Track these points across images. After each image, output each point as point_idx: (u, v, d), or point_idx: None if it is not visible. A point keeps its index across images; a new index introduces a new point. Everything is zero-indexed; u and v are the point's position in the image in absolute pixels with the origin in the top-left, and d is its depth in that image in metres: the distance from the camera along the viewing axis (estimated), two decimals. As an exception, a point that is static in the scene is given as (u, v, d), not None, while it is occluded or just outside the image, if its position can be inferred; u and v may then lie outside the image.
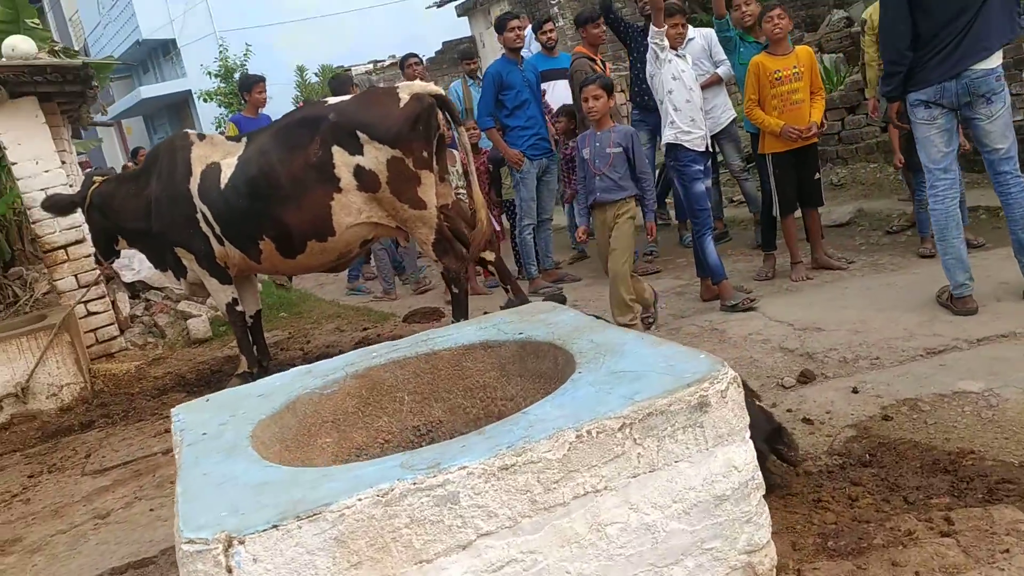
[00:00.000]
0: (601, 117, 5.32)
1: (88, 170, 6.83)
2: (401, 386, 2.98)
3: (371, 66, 20.61)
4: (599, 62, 7.22)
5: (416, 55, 8.68)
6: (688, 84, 5.75)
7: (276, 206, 5.30)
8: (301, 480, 1.99)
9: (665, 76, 5.78)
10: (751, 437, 2.17)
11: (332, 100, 5.67)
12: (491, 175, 7.74)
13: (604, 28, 7.34)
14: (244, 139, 5.63)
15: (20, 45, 6.64)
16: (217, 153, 5.55)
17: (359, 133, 5.22)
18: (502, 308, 5.51)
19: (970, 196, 6.01)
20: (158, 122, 28.76)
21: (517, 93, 7.10)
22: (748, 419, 2.16)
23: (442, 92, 5.41)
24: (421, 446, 2.61)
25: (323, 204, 5.28)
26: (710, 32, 7.06)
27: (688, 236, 7.00)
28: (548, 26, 7.74)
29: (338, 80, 8.37)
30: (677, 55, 5.80)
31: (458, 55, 8.87)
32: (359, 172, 5.23)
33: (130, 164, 16.46)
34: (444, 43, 17.68)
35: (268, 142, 5.41)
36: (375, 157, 5.21)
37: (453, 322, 5.54)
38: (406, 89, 5.36)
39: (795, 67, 5.70)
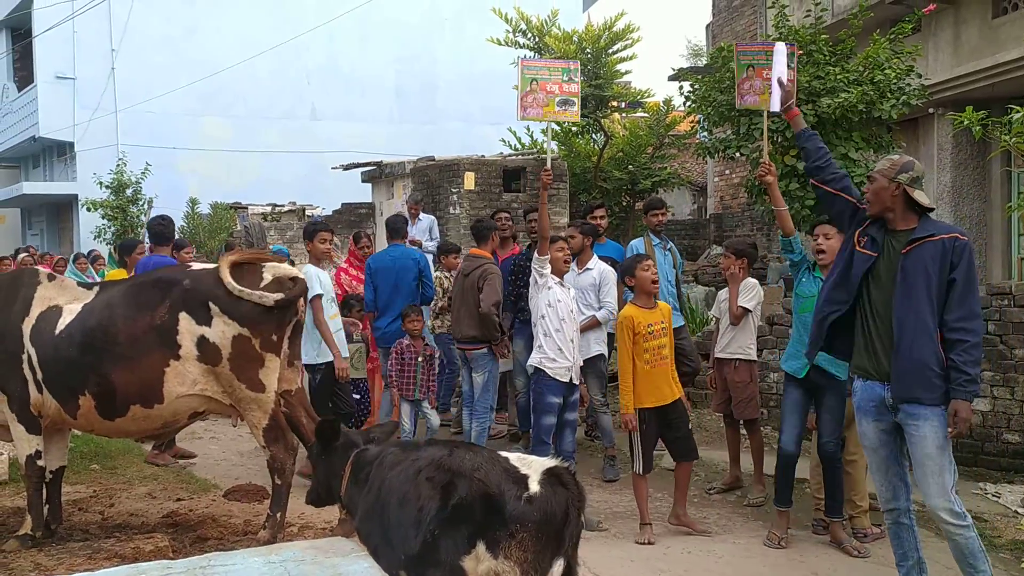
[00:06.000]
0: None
1: None
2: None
3: (269, 208, 20.58)
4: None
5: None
6: (561, 314, 5.86)
7: (107, 362, 5.04)
8: None
9: (540, 301, 5.90)
10: None
11: (196, 266, 5.58)
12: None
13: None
14: (96, 288, 5.41)
15: None
16: (63, 297, 5.31)
17: (211, 304, 5.10)
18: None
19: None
20: (35, 218, 27.68)
21: None
22: None
23: (304, 279, 5.37)
24: None
25: (157, 369, 5.07)
26: (608, 271, 7.08)
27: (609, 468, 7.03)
28: (599, 212, 7.82)
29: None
30: (558, 283, 5.94)
31: (644, 207, 8.03)
32: (202, 343, 5.08)
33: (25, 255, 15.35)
34: (343, 204, 17.90)
35: (117, 296, 5.23)
36: (222, 331, 5.08)
37: (269, 515, 5.26)
38: (271, 270, 5.31)
39: (662, 322, 5.68)
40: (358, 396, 7.28)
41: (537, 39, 15.43)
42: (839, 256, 4.38)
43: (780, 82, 5.20)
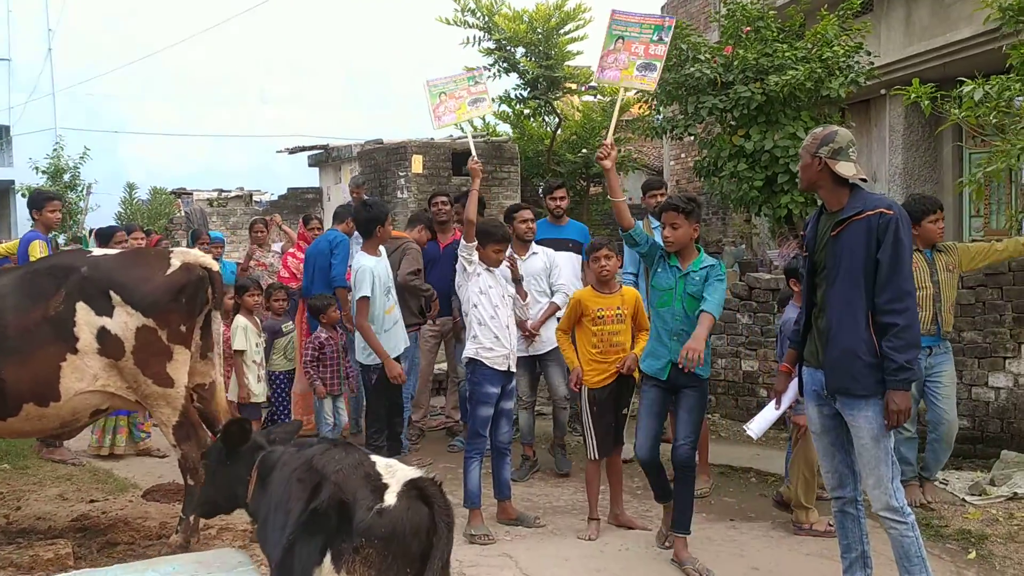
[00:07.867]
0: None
1: None
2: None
3: (216, 194, 19.99)
4: None
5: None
6: (494, 301, 5.55)
7: (-6, 357, 4.63)
8: None
9: (471, 290, 5.58)
10: None
11: (96, 251, 5.18)
12: None
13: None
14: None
15: None
16: (-51, 286, 4.87)
17: (112, 293, 4.72)
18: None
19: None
20: (-29, 206, 26.80)
21: None
22: None
23: (215, 266, 5.00)
24: None
25: (52, 364, 4.68)
26: (554, 253, 6.77)
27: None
28: (559, 192, 7.14)
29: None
30: (487, 269, 5.63)
31: (643, 188, 7.35)
32: (103, 335, 4.70)
33: None
34: (289, 188, 17.42)
35: (8, 285, 4.81)
36: (124, 322, 4.71)
37: (182, 519, 4.91)
38: (179, 255, 4.95)
39: (618, 308, 5.41)
40: (278, 394, 6.95)
41: (487, 19, 15.05)
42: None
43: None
